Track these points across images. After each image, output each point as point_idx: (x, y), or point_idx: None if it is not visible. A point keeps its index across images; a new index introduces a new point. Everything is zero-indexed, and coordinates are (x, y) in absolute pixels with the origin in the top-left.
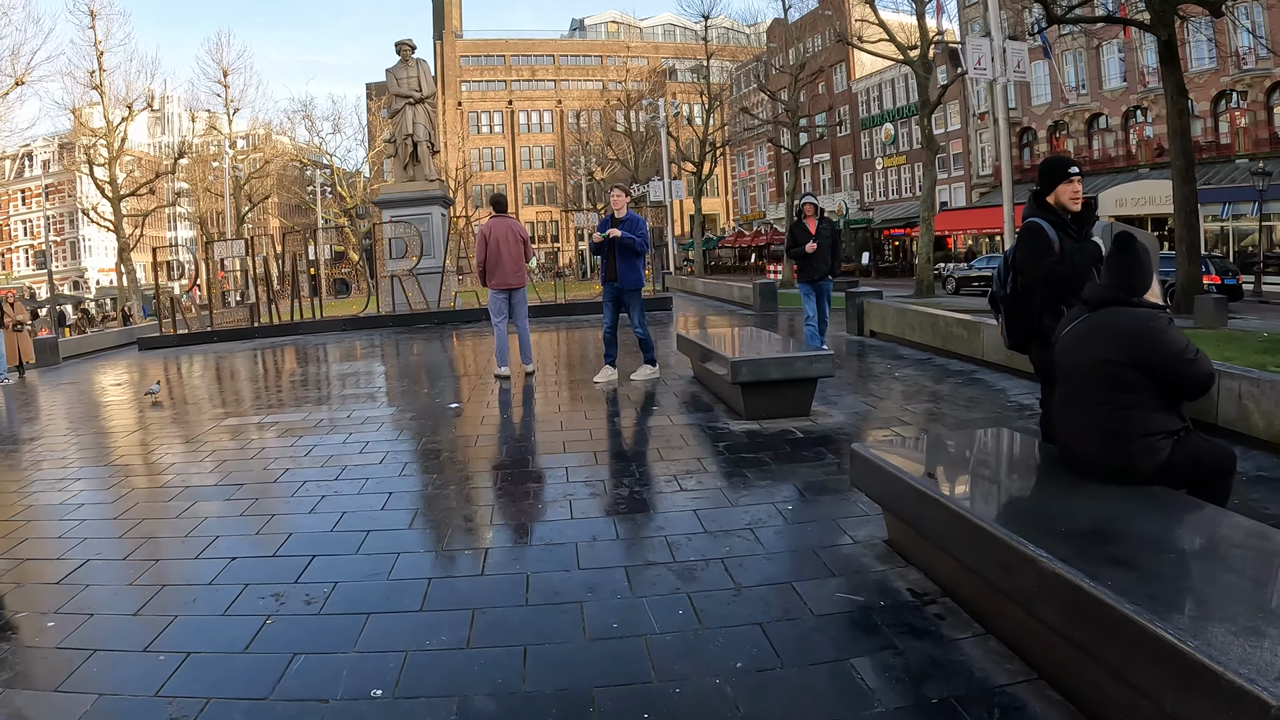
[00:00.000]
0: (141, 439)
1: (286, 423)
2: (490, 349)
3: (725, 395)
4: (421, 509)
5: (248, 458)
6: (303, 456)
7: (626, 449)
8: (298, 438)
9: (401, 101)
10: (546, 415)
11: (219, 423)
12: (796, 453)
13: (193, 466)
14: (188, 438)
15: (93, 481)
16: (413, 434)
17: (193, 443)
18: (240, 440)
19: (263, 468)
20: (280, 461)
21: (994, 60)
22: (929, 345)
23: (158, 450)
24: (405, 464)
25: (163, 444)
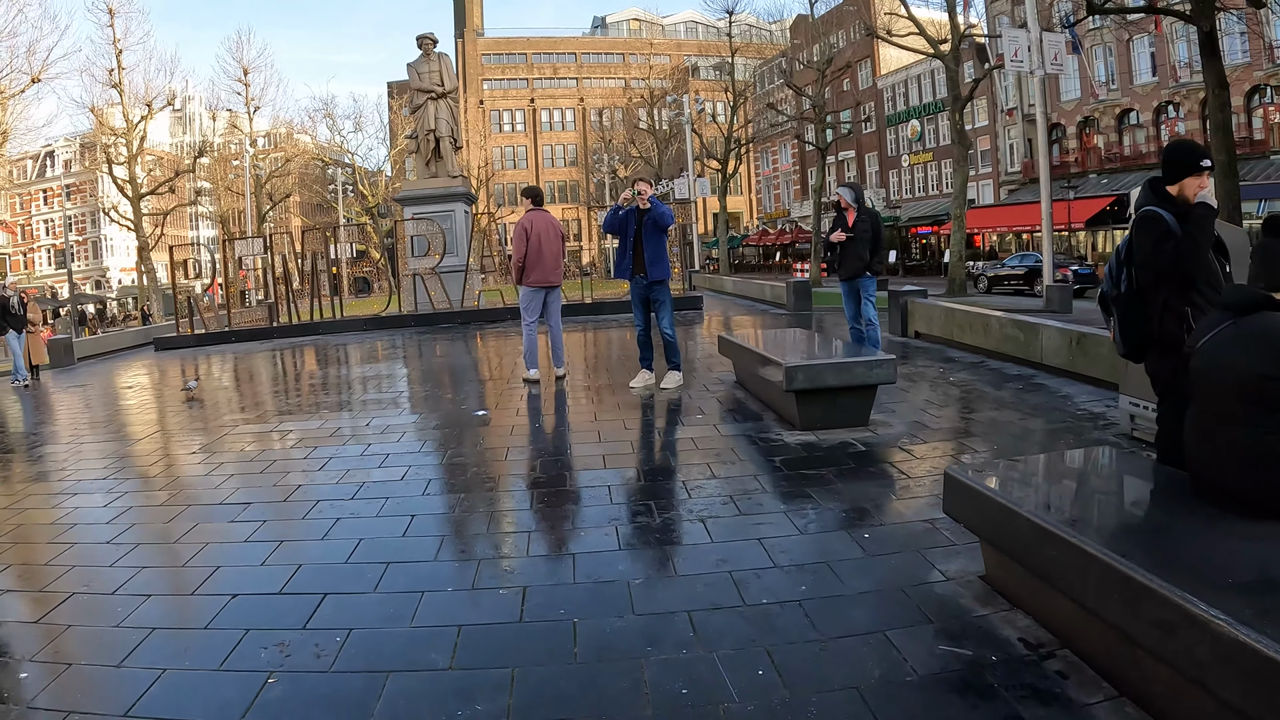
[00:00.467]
0: (145, 448)
1: (302, 431)
2: (515, 350)
3: (775, 403)
4: (448, 536)
5: (257, 471)
6: (317, 471)
7: (673, 464)
8: (312, 448)
9: (423, 96)
10: (581, 425)
11: (230, 430)
12: (861, 469)
13: (198, 481)
14: (195, 448)
15: (89, 497)
16: (437, 446)
17: (200, 453)
18: (251, 450)
19: (273, 484)
20: (293, 476)
21: (1031, 52)
22: (980, 348)
23: (161, 462)
24: (429, 481)
25: (168, 454)
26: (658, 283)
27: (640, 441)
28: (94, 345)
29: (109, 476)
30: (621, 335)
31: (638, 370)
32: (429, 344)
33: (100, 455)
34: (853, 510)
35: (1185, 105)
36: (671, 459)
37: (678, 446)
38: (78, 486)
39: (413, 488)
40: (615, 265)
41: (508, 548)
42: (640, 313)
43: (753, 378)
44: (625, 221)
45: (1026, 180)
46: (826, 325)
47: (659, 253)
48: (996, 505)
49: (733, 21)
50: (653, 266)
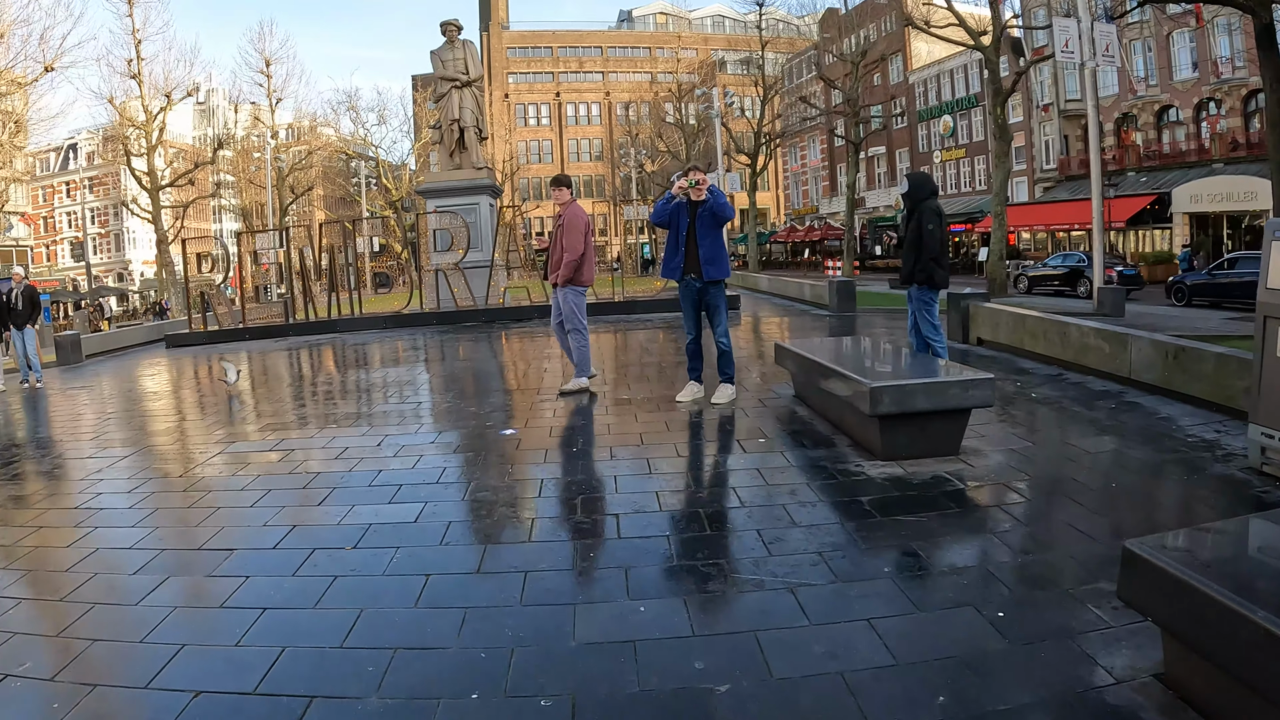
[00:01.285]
0: (114, 472)
1: (304, 452)
2: (544, 353)
3: (849, 425)
4: (471, 611)
5: (244, 505)
6: (315, 508)
7: (742, 504)
8: (313, 476)
9: (447, 85)
10: (626, 448)
11: (222, 449)
12: (967, 514)
13: (171, 522)
14: (175, 474)
15: (32, 560)
16: (458, 475)
17: (180, 481)
18: (241, 478)
19: (262, 524)
20: (286, 514)
21: (1082, 42)
22: (1055, 358)
23: (132, 493)
24: (448, 526)
25: (143, 481)
26: (714, 284)
27: (698, 473)
28: (103, 342)
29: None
30: (654, 337)
31: (684, 381)
32: (451, 345)
33: (62, 479)
34: (974, 575)
35: (1227, 102)
36: (738, 497)
37: (743, 480)
38: (29, 520)
39: (428, 533)
40: (665, 263)
41: (547, 628)
42: (691, 318)
43: (818, 394)
44: (677, 214)
45: (1062, 178)
46: (881, 330)
47: (716, 250)
48: (1210, 602)
49: (763, 14)
50: (709, 265)
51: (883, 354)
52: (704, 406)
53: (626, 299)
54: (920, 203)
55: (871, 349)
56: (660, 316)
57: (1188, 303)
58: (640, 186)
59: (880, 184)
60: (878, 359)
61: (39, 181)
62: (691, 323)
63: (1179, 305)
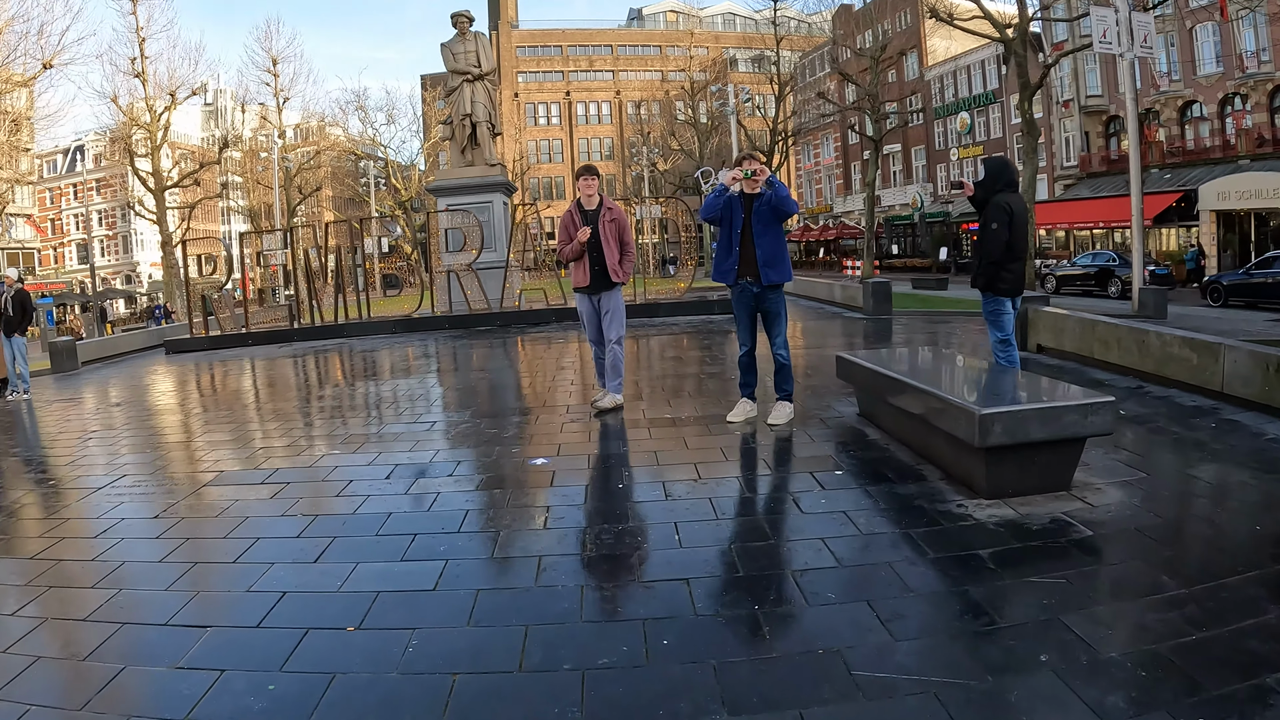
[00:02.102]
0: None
1: (298, 486)
2: (566, 361)
3: (936, 453)
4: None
5: (227, 560)
6: (309, 565)
7: (841, 566)
8: (308, 521)
9: (459, 79)
10: (683, 486)
11: (206, 483)
12: (1112, 573)
13: (137, 576)
14: (144, 516)
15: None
16: (484, 522)
17: (153, 525)
18: (224, 520)
19: (246, 588)
20: (275, 575)
21: (1120, 32)
22: (1131, 368)
23: (98, 538)
24: (476, 597)
25: (110, 525)
26: (772, 289)
27: (774, 518)
28: (100, 348)
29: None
30: (682, 344)
31: (734, 397)
32: (465, 351)
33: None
34: (1150, 667)
35: (1253, 97)
36: (831, 553)
37: (830, 527)
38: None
39: (451, 609)
40: (715, 265)
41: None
42: (746, 327)
43: (893, 414)
44: (729, 208)
45: (1083, 175)
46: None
47: (776, 250)
48: None
49: (778, 10)
50: (767, 268)
51: (969, 369)
52: (758, 427)
53: (648, 301)
54: (993, 195)
55: (954, 363)
56: (686, 320)
57: (1224, 303)
58: (653, 185)
59: (896, 182)
60: (967, 376)
61: (46, 183)
62: (746, 332)
63: (1215, 305)
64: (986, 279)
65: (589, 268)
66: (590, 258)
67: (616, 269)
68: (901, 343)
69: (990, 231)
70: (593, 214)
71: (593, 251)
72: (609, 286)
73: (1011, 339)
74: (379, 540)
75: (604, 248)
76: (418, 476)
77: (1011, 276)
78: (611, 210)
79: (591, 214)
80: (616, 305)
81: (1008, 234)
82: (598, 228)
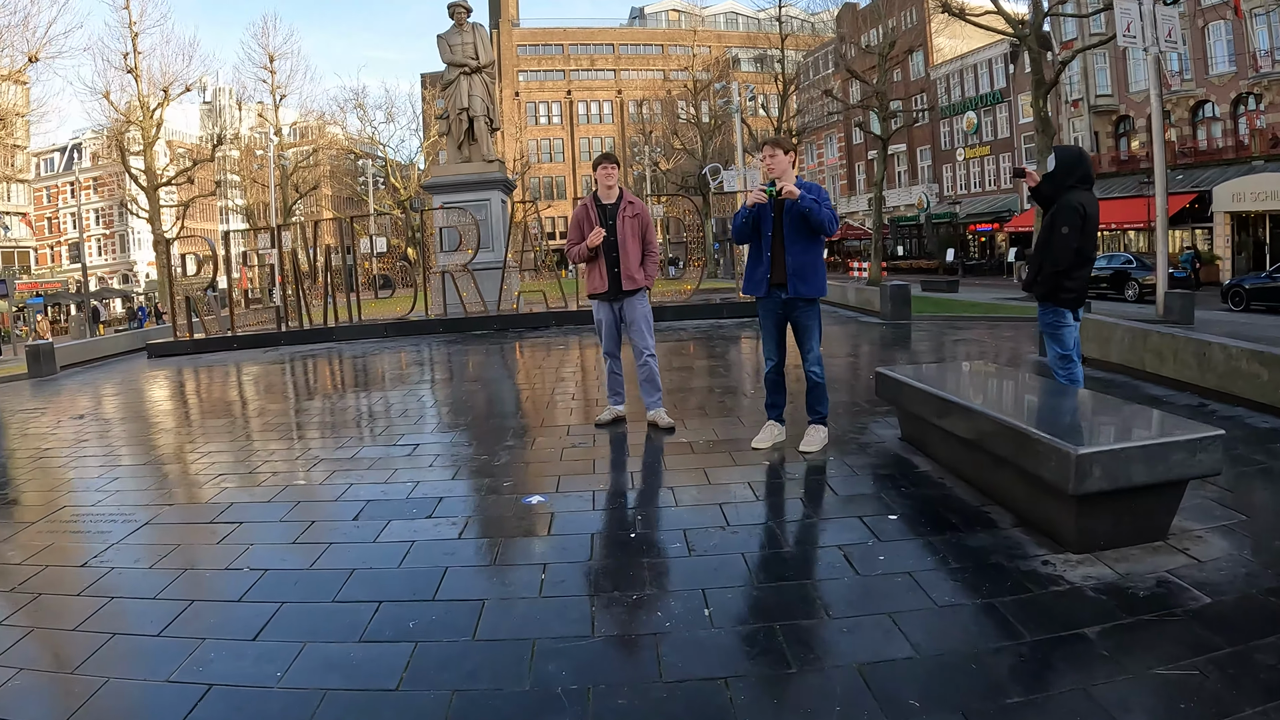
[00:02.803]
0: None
1: (249, 531)
2: (568, 370)
3: (1007, 493)
4: None
5: (149, 633)
6: (245, 644)
7: (918, 656)
8: (256, 578)
9: (455, 71)
10: (709, 536)
11: (142, 524)
12: (1234, 654)
13: (45, 662)
14: (69, 563)
15: None
16: (465, 585)
17: (73, 577)
18: (153, 577)
19: (166, 676)
20: (197, 663)
21: (1144, 25)
22: (1190, 383)
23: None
24: (448, 703)
25: (29, 573)
26: (805, 302)
27: (827, 585)
28: (80, 351)
29: None
30: (690, 352)
31: (757, 418)
32: (459, 357)
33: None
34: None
35: (1267, 97)
36: (903, 634)
37: (898, 597)
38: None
39: (417, 712)
40: (746, 276)
41: None
42: (773, 341)
43: (948, 443)
44: (758, 217)
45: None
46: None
47: (809, 259)
48: None
49: (783, 7)
50: (799, 278)
51: (1036, 390)
52: (787, 454)
53: (653, 305)
54: (1064, 192)
55: (1016, 382)
56: (694, 325)
57: (1246, 307)
58: (655, 185)
59: (900, 183)
60: (1040, 400)
61: (43, 182)
62: (773, 347)
63: (1237, 310)
64: (1047, 288)
65: (605, 270)
66: (607, 259)
67: (637, 272)
68: (930, 351)
69: (1059, 235)
70: (611, 208)
71: (609, 253)
72: (631, 292)
73: (1074, 355)
74: (336, 610)
75: (621, 249)
76: (391, 519)
77: (1076, 286)
78: (633, 204)
79: (610, 208)
80: (642, 313)
81: (1078, 239)
82: (615, 226)
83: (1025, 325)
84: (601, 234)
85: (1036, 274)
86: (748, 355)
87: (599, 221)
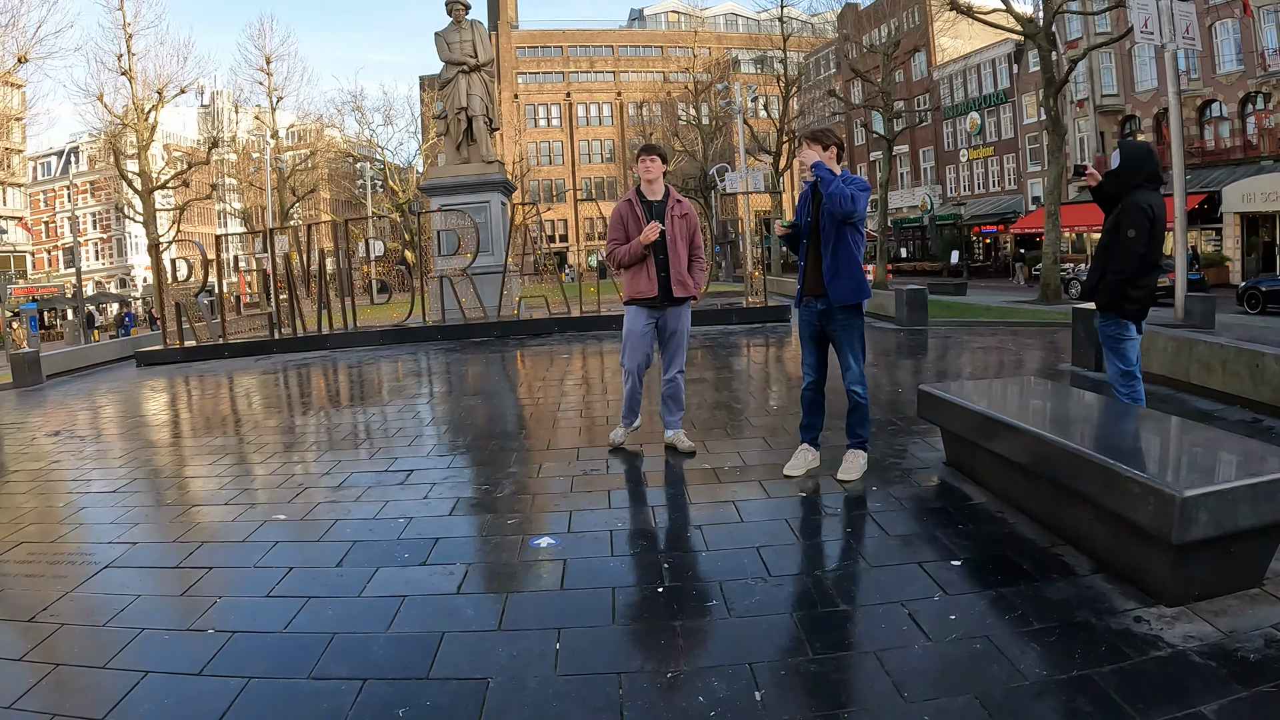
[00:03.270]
0: None
1: (212, 582)
2: (574, 383)
3: (1077, 529)
4: None
5: (93, 717)
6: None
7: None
8: (218, 646)
9: (453, 70)
10: (748, 586)
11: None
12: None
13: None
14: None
15: None
16: (463, 667)
17: (20, 641)
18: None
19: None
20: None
21: (1161, 21)
22: (1241, 396)
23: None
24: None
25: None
26: (842, 312)
27: (896, 654)
28: (67, 360)
29: None
30: (702, 361)
31: (785, 440)
32: (458, 367)
33: None
34: None
35: (1276, 96)
36: (985, 714)
37: (981, 672)
38: None
39: None
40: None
41: None
42: (811, 353)
43: (1007, 471)
44: (800, 213)
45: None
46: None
47: (844, 260)
48: None
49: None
50: (836, 281)
51: (1106, 412)
52: (822, 481)
53: None
54: (1130, 191)
55: (1082, 404)
56: (702, 333)
57: (1262, 309)
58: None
59: (903, 184)
60: (1115, 425)
61: (40, 185)
62: (811, 361)
63: (1253, 313)
64: (1110, 298)
65: (654, 273)
66: (656, 261)
67: (687, 278)
68: (956, 361)
69: (1124, 239)
70: (658, 206)
71: (658, 254)
72: (680, 300)
73: (1137, 371)
74: (312, 692)
75: (671, 250)
76: (379, 566)
77: (1142, 295)
78: (681, 204)
79: (656, 206)
80: (685, 325)
81: (1146, 244)
82: (666, 224)
83: (1046, 331)
84: (659, 229)
85: (1098, 281)
86: (762, 366)
87: (646, 219)
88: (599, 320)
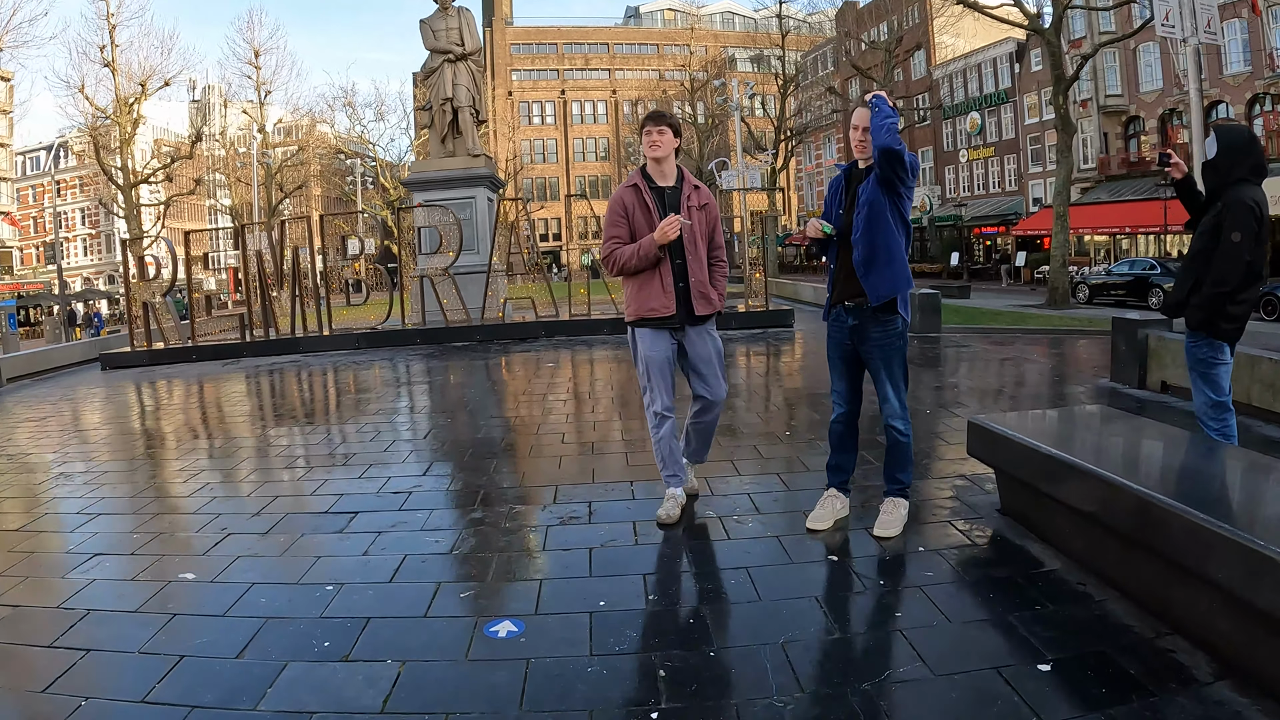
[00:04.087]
0: None
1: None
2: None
3: (1189, 614)
4: None
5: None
6: None
7: None
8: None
9: (439, 59)
10: (769, 706)
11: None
12: None
13: None
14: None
15: None
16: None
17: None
18: None
19: None
20: None
21: (1183, 15)
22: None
23: None
24: None
25: None
26: (882, 324)
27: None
28: (28, 363)
29: None
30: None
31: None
32: (438, 375)
33: None
34: None
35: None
36: None
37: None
38: None
39: None
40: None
41: None
42: (840, 377)
43: (1093, 534)
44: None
45: (1102, 178)
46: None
47: (882, 244)
48: None
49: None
50: (873, 269)
51: (1210, 455)
52: (850, 534)
53: None
54: (1230, 186)
55: (1169, 441)
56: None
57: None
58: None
59: None
60: (1230, 475)
61: (29, 180)
62: (842, 388)
63: (1270, 319)
64: (1206, 314)
65: (670, 284)
66: (672, 267)
67: (709, 290)
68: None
69: (1228, 244)
70: (671, 194)
71: (674, 258)
72: (703, 317)
73: (1229, 401)
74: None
75: (690, 252)
76: (288, 660)
77: (1242, 311)
78: (699, 190)
79: (669, 194)
80: (715, 347)
81: (1251, 249)
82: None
83: (1066, 339)
84: (679, 222)
85: (1189, 294)
86: (769, 381)
87: (660, 211)
88: (589, 324)
